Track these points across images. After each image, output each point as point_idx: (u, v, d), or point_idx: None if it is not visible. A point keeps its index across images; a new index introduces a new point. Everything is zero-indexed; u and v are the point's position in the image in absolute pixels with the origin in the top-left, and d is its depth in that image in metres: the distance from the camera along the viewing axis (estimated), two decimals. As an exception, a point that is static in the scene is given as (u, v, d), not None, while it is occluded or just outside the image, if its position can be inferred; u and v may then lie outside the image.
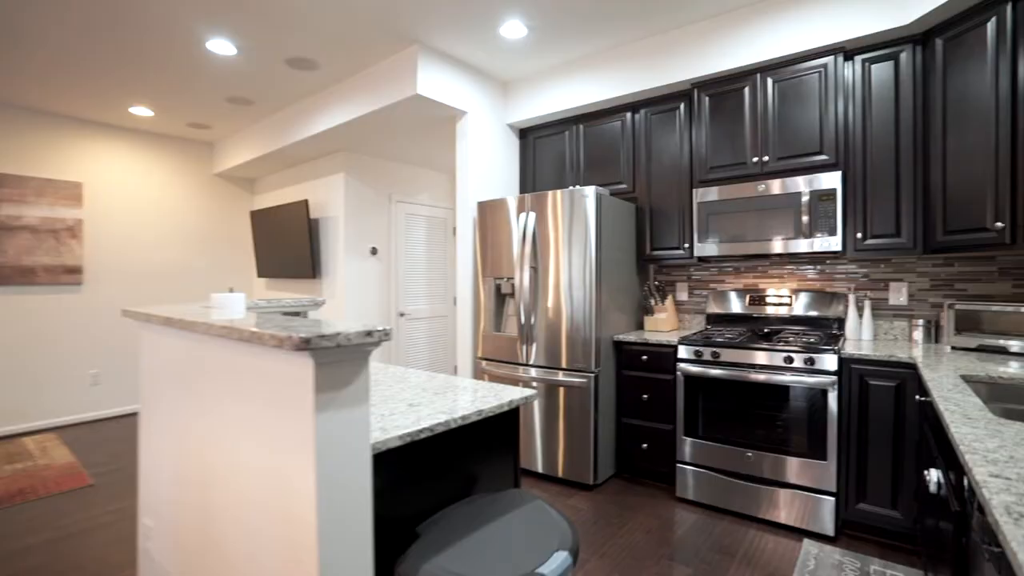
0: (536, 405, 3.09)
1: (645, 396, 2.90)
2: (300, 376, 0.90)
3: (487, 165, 3.61)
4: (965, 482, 1.09)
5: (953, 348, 2.34)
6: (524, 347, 3.14)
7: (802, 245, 2.59)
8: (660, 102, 3.16)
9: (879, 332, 2.76)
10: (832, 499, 2.32)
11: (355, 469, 0.95)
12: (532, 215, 3.08)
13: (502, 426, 1.51)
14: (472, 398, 1.46)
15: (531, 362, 3.11)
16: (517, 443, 1.55)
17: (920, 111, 2.41)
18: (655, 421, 2.88)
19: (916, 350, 2.35)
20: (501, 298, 3.36)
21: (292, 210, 4.83)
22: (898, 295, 2.72)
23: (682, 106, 3.06)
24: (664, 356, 2.84)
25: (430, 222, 5.36)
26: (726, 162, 2.85)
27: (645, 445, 2.91)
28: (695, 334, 2.89)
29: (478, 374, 3.39)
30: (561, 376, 2.97)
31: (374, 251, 4.81)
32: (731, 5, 2.75)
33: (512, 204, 3.19)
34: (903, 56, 2.44)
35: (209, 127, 4.69)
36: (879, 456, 2.26)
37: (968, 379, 1.73)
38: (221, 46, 3.07)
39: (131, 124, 4.58)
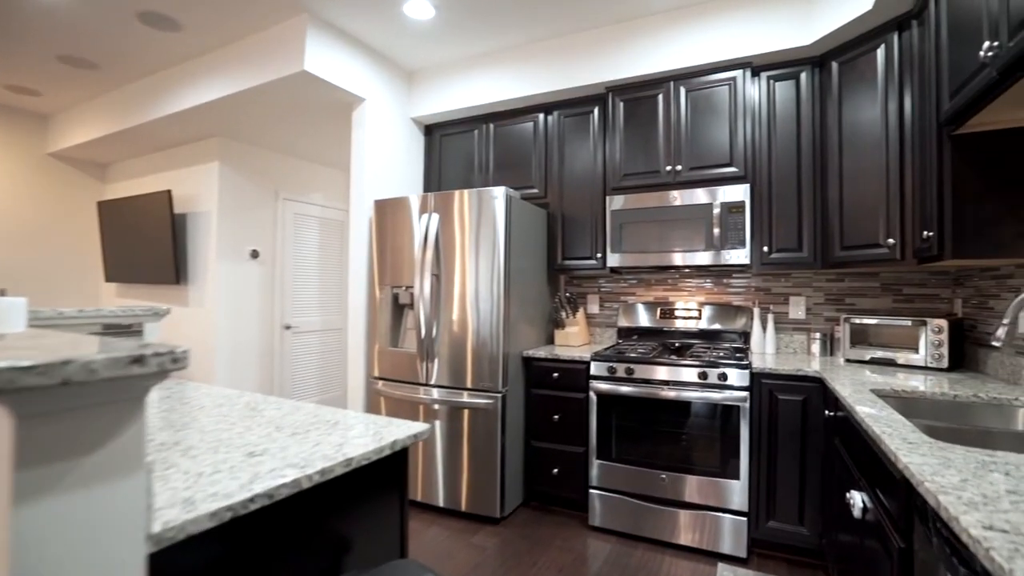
0: (438, 431, 2.75)
1: (556, 417, 2.69)
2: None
3: (388, 161, 3.24)
4: (928, 523, 0.95)
5: (847, 361, 2.39)
6: (424, 365, 2.79)
7: (713, 257, 2.54)
8: (574, 104, 3.02)
9: (780, 345, 2.80)
10: (744, 519, 2.24)
11: (106, 588, 0.58)
12: (435, 216, 2.77)
13: (386, 472, 1.17)
14: (342, 440, 1.11)
15: (432, 382, 2.77)
16: (405, 495, 1.22)
17: (819, 130, 2.47)
18: (566, 444, 2.66)
19: (815, 363, 2.37)
20: (399, 309, 2.99)
21: (151, 202, 4.07)
22: (797, 309, 2.77)
23: (596, 110, 2.94)
24: (576, 373, 2.65)
25: (324, 224, 4.82)
26: (639, 170, 2.76)
27: (556, 470, 2.68)
28: (607, 349, 2.73)
29: (372, 397, 2.98)
30: (466, 397, 2.66)
31: (255, 254, 4.19)
32: (645, 10, 2.68)
33: (415, 204, 2.85)
34: (803, 76, 2.49)
35: (38, 93, 3.81)
36: (787, 472, 2.22)
37: (878, 393, 1.70)
38: (39, -16, 2.42)
39: (-80, 82, 3.58)
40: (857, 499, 1.41)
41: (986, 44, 1.31)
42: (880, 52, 2.20)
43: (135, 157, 4.57)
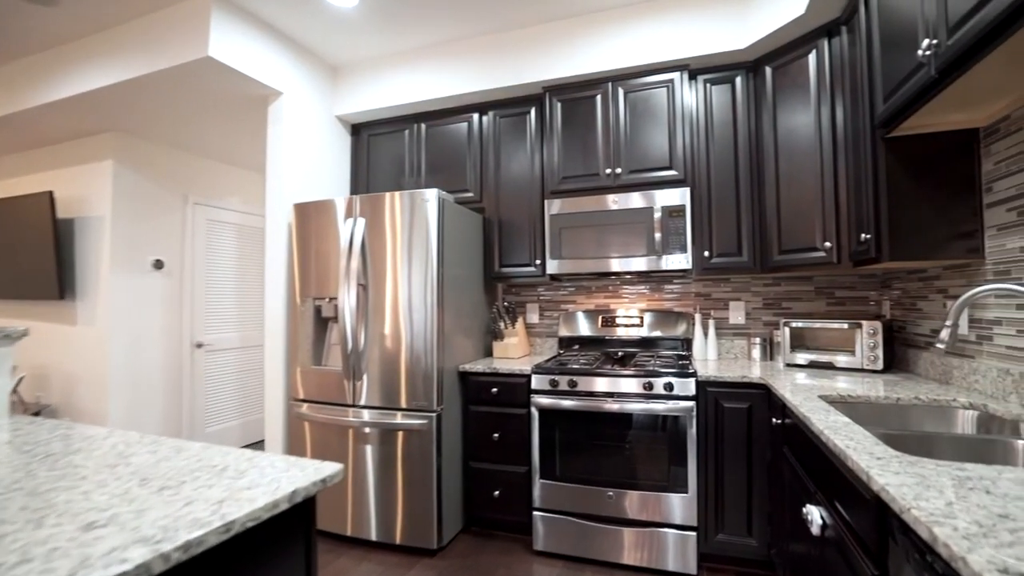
0: (369, 457, 2.49)
1: (496, 435, 2.51)
2: None
3: (309, 161, 2.96)
4: (911, 553, 0.85)
5: (787, 365, 2.39)
6: (352, 384, 2.52)
7: (655, 262, 2.47)
8: (510, 105, 2.88)
9: (722, 351, 2.78)
10: (693, 534, 2.16)
11: None
12: (362, 221, 2.53)
13: (285, 527, 0.95)
14: (224, 493, 0.87)
15: (361, 402, 2.51)
16: (312, 552, 0.99)
17: (755, 135, 2.47)
18: (508, 463, 2.49)
19: (756, 368, 2.35)
20: (323, 323, 2.71)
21: (28, 205, 3.51)
22: (737, 314, 2.77)
23: (533, 111, 2.83)
24: (516, 387, 2.48)
25: (243, 232, 4.39)
26: (578, 172, 2.66)
27: (497, 492, 2.50)
28: (549, 361, 2.60)
29: (294, 422, 2.66)
30: (399, 418, 2.43)
31: (159, 264, 3.72)
32: (583, 8, 2.60)
33: (340, 207, 2.60)
34: (738, 80, 2.50)
35: None
36: (735, 483, 2.16)
37: (827, 399, 1.66)
38: None
39: None
40: (815, 514, 1.34)
41: (924, 43, 1.29)
42: (812, 57, 2.22)
43: (9, 153, 3.96)
